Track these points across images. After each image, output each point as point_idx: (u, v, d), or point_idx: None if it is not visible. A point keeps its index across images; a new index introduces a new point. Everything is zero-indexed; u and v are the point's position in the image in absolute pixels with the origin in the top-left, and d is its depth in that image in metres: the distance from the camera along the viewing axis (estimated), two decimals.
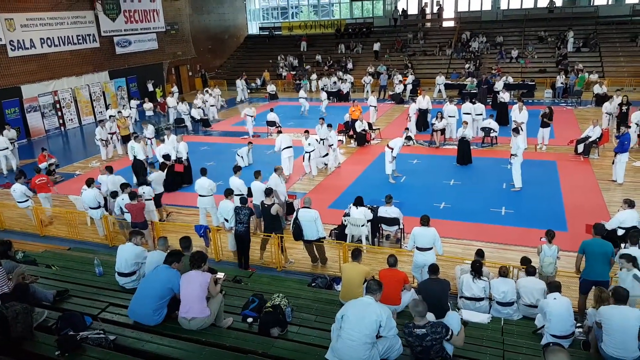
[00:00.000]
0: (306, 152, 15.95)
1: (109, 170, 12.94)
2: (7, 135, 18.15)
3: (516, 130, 14.40)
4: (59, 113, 25.20)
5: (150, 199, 12.02)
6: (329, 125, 16.93)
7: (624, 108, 18.42)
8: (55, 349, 5.36)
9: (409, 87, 28.53)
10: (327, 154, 16.86)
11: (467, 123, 16.78)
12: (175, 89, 29.49)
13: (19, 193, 12.76)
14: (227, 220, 10.66)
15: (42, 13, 23.99)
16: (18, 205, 13.04)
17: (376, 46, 35.75)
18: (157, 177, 12.98)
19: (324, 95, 26.98)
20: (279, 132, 17.76)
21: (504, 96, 21.28)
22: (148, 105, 25.76)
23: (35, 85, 23.97)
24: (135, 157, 15.57)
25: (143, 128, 18.97)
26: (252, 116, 21.60)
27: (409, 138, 17.30)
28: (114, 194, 11.81)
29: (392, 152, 14.79)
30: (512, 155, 13.99)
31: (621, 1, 35.10)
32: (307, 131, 16.24)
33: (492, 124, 18.24)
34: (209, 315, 6.17)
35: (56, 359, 5.29)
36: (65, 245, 12.05)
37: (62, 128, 25.36)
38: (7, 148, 17.88)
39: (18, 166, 17.91)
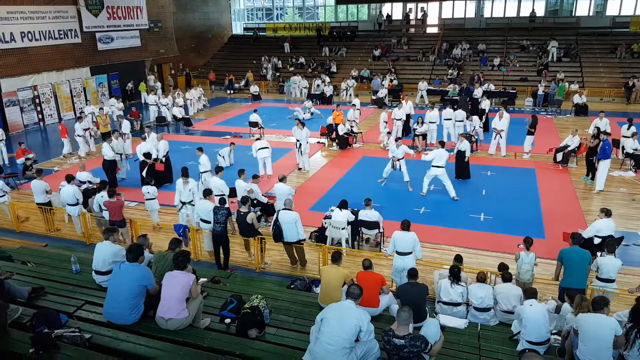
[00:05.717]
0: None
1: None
2: None
3: (442, 144, 14.68)
4: (39, 108, 24.81)
5: (154, 199, 12.22)
6: (302, 124, 16.75)
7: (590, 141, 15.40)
8: (30, 347, 5.29)
9: (384, 91, 28.33)
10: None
11: (464, 135, 16.53)
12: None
13: None
14: (203, 221, 10.63)
15: (23, 7, 23.59)
16: None
17: (376, 52, 35.67)
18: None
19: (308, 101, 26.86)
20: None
21: (485, 103, 21.42)
22: (120, 105, 23.98)
23: (15, 79, 23.57)
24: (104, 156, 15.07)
25: (119, 123, 18.50)
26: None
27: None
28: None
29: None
30: (435, 166, 14.02)
31: (602, 13, 35.70)
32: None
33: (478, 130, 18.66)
34: (187, 316, 6.13)
35: (31, 357, 5.22)
36: (42, 241, 11.85)
37: (41, 123, 24.95)
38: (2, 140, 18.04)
39: None
